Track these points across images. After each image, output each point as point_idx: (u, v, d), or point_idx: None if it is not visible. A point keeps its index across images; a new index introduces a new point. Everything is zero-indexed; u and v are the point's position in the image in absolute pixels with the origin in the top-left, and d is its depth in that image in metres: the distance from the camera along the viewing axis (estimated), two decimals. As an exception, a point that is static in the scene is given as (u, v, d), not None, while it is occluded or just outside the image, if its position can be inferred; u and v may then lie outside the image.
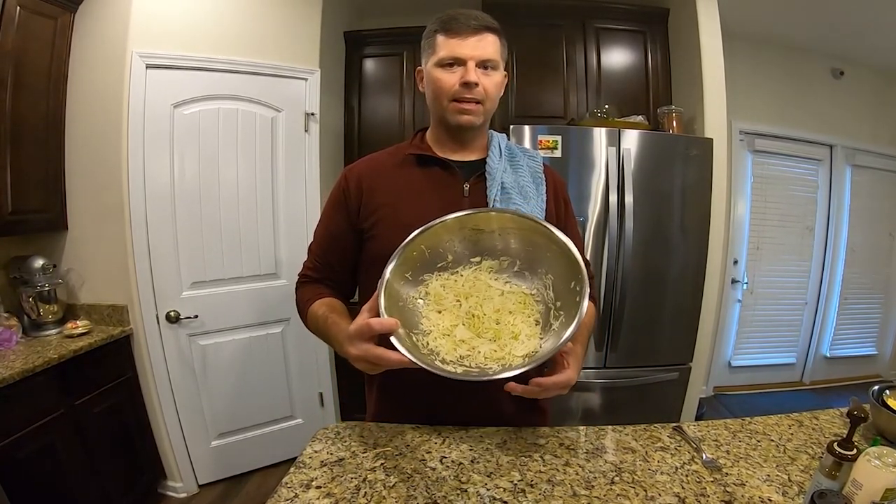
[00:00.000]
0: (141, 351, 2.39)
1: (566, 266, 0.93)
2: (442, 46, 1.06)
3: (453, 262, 1.00)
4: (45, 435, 1.91)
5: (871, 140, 4.05)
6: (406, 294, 0.94)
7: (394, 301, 0.90)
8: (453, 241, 0.99)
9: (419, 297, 0.96)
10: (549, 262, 0.97)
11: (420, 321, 0.92)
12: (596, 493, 0.88)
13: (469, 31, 1.04)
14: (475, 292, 0.96)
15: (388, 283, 0.90)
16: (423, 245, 0.97)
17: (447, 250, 0.99)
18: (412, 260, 0.96)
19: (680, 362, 2.63)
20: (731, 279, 3.87)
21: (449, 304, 0.94)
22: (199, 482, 2.63)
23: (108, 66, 2.26)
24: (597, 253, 2.46)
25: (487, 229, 1.00)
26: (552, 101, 2.90)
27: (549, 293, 0.96)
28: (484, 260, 1.00)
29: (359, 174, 1.16)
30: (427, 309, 0.94)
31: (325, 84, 2.78)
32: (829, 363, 4.30)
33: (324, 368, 2.90)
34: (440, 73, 1.07)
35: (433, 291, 0.96)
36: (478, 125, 1.12)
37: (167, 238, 2.40)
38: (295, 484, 0.91)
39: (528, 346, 0.88)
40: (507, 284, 0.98)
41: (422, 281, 0.97)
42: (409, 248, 0.94)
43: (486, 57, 1.06)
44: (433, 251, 0.98)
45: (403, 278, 0.95)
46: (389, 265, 0.92)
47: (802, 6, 3.13)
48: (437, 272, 0.98)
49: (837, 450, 0.80)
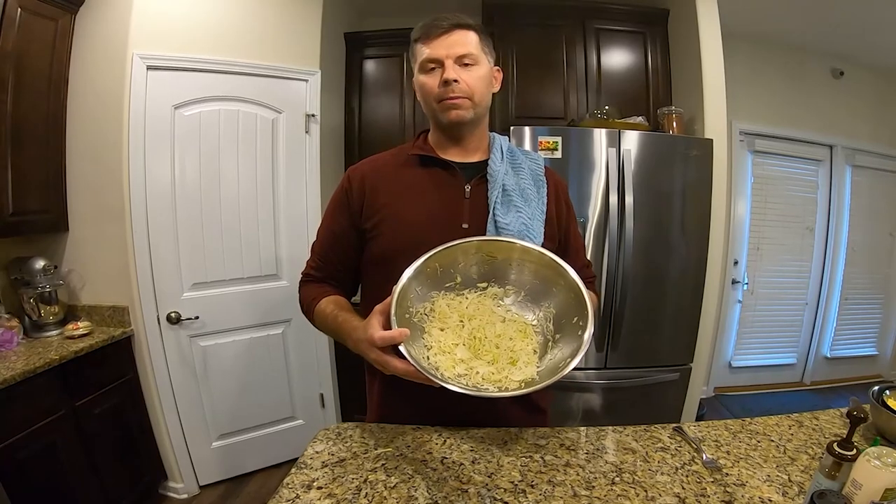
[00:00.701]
0: (142, 352, 2.39)
1: (572, 302, 0.95)
2: (421, 52, 1.10)
3: (460, 284, 1.01)
4: (46, 436, 1.91)
5: (871, 140, 4.05)
6: (413, 307, 0.95)
7: (403, 311, 0.91)
8: (467, 264, 1.01)
9: (425, 312, 0.97)
10: (555, 297, 0.99)
11: (422, 335, 0.93)
12: (596, 493, 0.88)
13: (441, 31, 1.07)
14: (478, 315, 0.97)
15: (401, 291, 0.91)
16: (438, 262, 0.98)
17: (458, 272, 1.00)
18: (424, 275, 0.97)
19: (680, 363, 2.63)
20: (732, 279, 3.87)
21: (452, 324, 0.95)
22: (200, 483, 2.63)
23: (108, 68, 2.26)
24: (597, 254, 2.46)
25: (503, 258, 1.02)
26: (552, 103, 2.90)
27: (549, 325, 0.98)
28: (490, 286, 1.02)
29: (361, 174, 1.17)
30: (430, 325, 0.95)
31: (325, 85, 2.78)
32: (829, 363, 4.30)
33: (325, 369, 2.90)
34: (424, 77, 1.10)
35: (439, 309, 0.97)
36: (468, 119, 1.12)
37: (168, 239, 2.40)
38: (296, 484, 0.91)
39: (525, 372, 0.89)
40: (508, 312, 1.00)
41: (429, 297, 0.98)
42: (426, 263, 0.95)
43: (461, 52, 1.07)
44: (445, 270, 0.99)
45: (414, 291, 0.96)
46: (406, 274, 0.93)
47: (802, 6, 3.13)
48: (444, 291, 1.00)
49: (837, 450, 0.80)
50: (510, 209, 1.10)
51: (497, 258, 1.01)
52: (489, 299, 1.00)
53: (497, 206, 1.10)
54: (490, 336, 0.94)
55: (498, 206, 1.10)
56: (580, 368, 2.53)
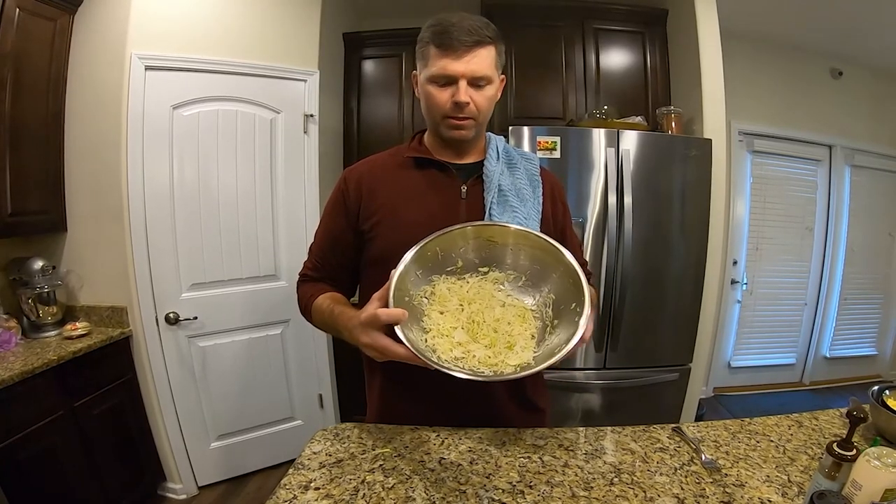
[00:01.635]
0: (140, 352, 2.39)
1: (570, 288, 0.95)
2: (434, 62, 1.04)
3: (462, 269, 1.01)
4: (44, 436, 1.91)
5: (870, 140, 4.05)
6: (413, 290, 0.96)
7: (402, 294, 0.91)
8: (467, 248, 1.01)
9: (424, 295, 0.97)
10: (554, 282, 0.99)
11: (422, 318, 0.94)
12: (595, 494, 0.88)
13: (462, 47, 1.01)
14: (478, 299, 0.98)
15: (399, 276, 0.92)
16: (438, 247, 0.98)
17: (459, 256, 1.01)
18: (424, 259, 0.97)
19: (680, 363, 2.62)
20: (731, 280, 3.87)
21: (452, 307, 0.96)
22: (199, 484, 2.63)
23: (107, 68, 2.26)
24: (596, 254, 2.46)
25: (502, 242, 1.02)
26: (551, 102, 2.90)
27: (548, 311, 0.98)
28: (491, 271, 1.02)
29: (358, 176, 1.17)
30: (430, 308, 0.96)
31: (324, 85, 2.78)
32: (828, 363, 4.30)
33: (323, 369, 2.90)
34: (433, 89, 1.07)
35: (439, 292, 0.98)
36: (470, 137, 1.12)
37: (166, 239, 2.40)
38: (293, 485, 0.91)
39: (521, 357, 0.90)
40: (509, 297, 1.00)
41: (429, 281, 0.99)
42: (424, 248, 0.96)
43: (478, 74, 1.04)
44: (446, 254, 1.00)
45: (414, 275, 0.96)
46: (404, 259, 0.94)
47: (801, 7, 3.13)
48: (446, 275, 1.00)
49: (837, 450, 0.80)
50: (506, 209, 1.11)
51: (497, 243, 1.02)
52: (490, 283, 1.01)
53: (493, 206, 1.10)
54: (489, 320, 0.94)
55: (494, 206, 1.10)
56: (579, 369, 2.53)
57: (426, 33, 1.06)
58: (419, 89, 1.13)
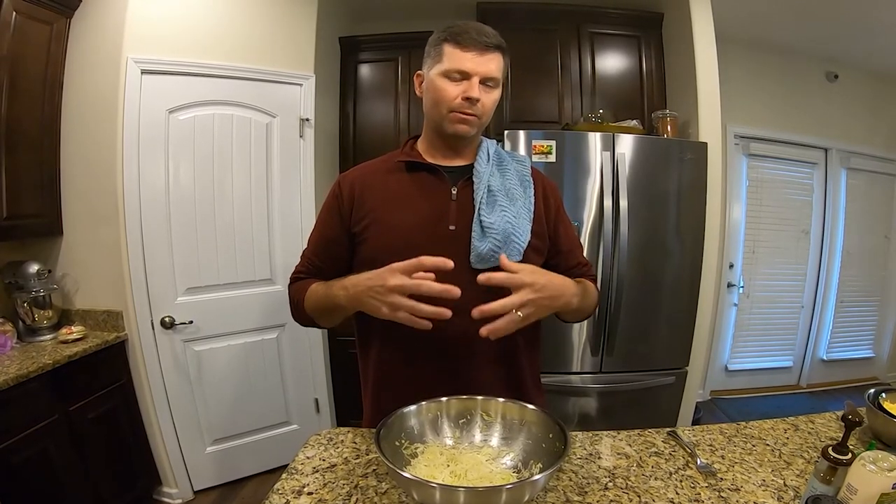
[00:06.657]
0: (136, 356, 2.38)
1: (543, 429, 0.93)
2: (449, 57, 1.08)
3: (456, 439, 0.98)
4: (39, 441, 1.90)
5: (865, 143, 4.07)
6: (405, 440, 0.93)
7: (394, 436, 0.90)
8: (451, 412, 0.99)
9: (415, 451, 0.93)
10: (529, 430, 0.96)
11: (404, 466, 0.89)
12: (589, 498, 0.88)
13: (479, 47, 1.07)
14: (464, 460, 0.93)
15: (399, 417, 0.93)
16: (429, 412, 0.98)
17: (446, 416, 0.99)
18: (421, 415, 0.97)
19: (676, 366, 2.62)
20: (727, 283, 3.87)
21: (438, 464, 0.91)
22: (195, 488, 2.61)
23: (103, 71, 2.26)
24: (592, 258, 2.45)
25: (475, 410, 1.00)
26: (547, 106, 2.91)
27: (534, 468, 0.92)
28: (486, 446, 0.97)
29: (351, 180, 1.19)
30: (417, 461, 0.91)
31: (320, 89, 2.78)
32: (825, 366, 4.30)
33: (319, 374, 2.89)
34: (444, 82, 1.09)
35: (429, 452, 0.93)
36: (471, 135, 1.14)
37: (162, 243, 2.40)
38: (287, 490, 0.90)
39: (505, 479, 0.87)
40: (498, 467, 0.94)
41: (423, 440, 0.95)
42: (419, 410, 0.96)
43: (490, 75, 1.09)
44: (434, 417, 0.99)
45: (410, 426, 0.95)
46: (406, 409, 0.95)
47: (796, 10, 3.14)
48: (438, 437, 0.97)
49: (832, 454, 0.80)
50: (495, 209, 1.11)
51: (472, 410, 0.99)
52: (483, 457, 0.95)
53: (482, 206, 1.11)
54: (472, 477, 0.89)
55: (483, 206, 1.11)
56: (576, 372, 2.53)
57: (442, 34, 1.11)
58: (425, 85, 1.15)
